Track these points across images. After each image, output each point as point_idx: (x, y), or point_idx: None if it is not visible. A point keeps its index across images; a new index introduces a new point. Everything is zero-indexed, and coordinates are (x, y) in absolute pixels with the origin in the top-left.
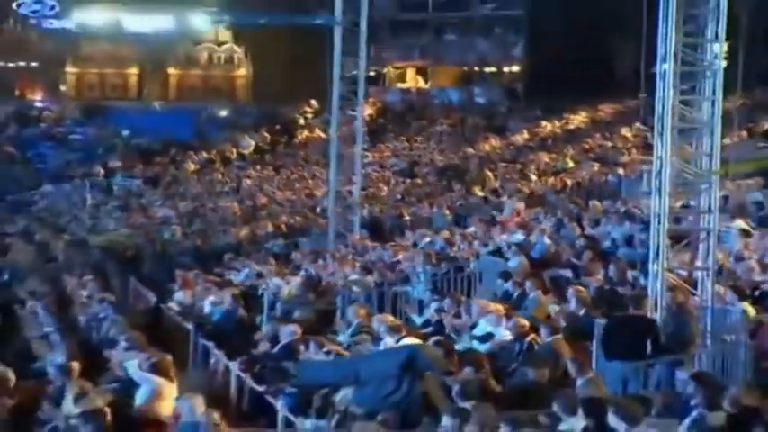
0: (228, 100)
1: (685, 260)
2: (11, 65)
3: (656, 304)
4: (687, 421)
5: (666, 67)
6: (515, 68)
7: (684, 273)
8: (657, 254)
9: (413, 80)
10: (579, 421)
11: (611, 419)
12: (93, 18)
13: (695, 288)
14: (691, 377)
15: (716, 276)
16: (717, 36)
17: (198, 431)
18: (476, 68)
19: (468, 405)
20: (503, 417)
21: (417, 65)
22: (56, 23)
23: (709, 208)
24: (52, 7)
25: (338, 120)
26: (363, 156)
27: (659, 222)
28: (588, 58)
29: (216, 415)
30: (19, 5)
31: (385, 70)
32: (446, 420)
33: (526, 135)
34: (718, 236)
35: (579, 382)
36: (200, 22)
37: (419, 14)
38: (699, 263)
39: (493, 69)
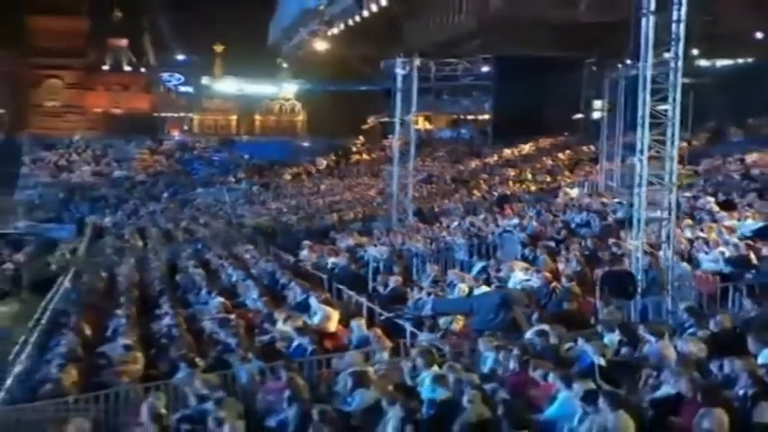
0: (291, 135)
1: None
2: (157, 114)
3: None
4: (685, 335)
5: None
6: (486, 117)
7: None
8: (638, 232)
9: (422, 124)
10: (616, 336)
11: (645, 334)
12: (218, 85)
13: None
14: (684, 309)
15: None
16: (675, 100)
17: (369, 341)
18: (461, 116)
19: (545, 327)
20: (575, 333)
21: (425, 114)
22: (183, 89)
23: (669, 206)
24: (179, 78)
25: (399, 148)
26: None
27: (639, 213)
28: (531, 111)
29: (379, 330)
30: (160, 77)
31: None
32: (530, 334)
33: (495, 158)
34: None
35: (605, 311)
36: (290, 87)
37: (425, 84)
38: (663, 238)
39: (472, 117)
